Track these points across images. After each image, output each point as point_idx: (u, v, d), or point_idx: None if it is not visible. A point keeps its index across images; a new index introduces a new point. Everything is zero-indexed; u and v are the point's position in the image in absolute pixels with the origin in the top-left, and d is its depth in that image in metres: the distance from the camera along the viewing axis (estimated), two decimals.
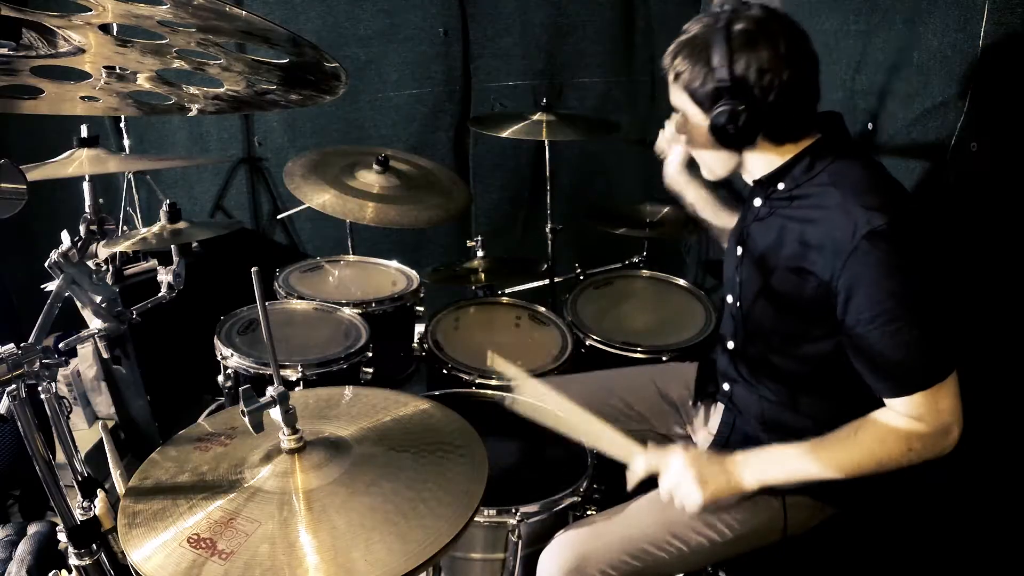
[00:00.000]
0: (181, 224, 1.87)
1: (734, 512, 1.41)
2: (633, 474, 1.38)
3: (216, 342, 2.06)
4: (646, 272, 2.58)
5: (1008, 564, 1.65)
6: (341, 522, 1.00)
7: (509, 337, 2.30)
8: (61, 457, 1.23)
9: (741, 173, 1.43)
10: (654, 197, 2.66)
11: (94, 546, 1.21)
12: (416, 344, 2.38)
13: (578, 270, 2.73)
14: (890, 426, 1.25)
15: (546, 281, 2.72)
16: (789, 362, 1.41)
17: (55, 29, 0.93)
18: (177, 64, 1.07)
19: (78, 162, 2.00)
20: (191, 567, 0.94)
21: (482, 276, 2.49)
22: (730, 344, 1.55)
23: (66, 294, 1.30)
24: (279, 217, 3.14)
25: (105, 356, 2.38)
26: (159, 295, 1.72)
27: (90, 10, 0.86)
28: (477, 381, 1.99)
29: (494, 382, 1.98)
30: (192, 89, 1.19)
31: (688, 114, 1.36)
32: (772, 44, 1.23)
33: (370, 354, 2.10)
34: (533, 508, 1.42)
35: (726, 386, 1.58)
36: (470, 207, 2.94)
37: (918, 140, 1.76)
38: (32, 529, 1.99)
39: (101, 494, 1.26)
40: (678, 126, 1.41)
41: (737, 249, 1.48)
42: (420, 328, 2.37)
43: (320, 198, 2.25)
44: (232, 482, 1.09)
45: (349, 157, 2.48)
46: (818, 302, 1.29)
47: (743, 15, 1.25)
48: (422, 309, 2.45)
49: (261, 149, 3.09)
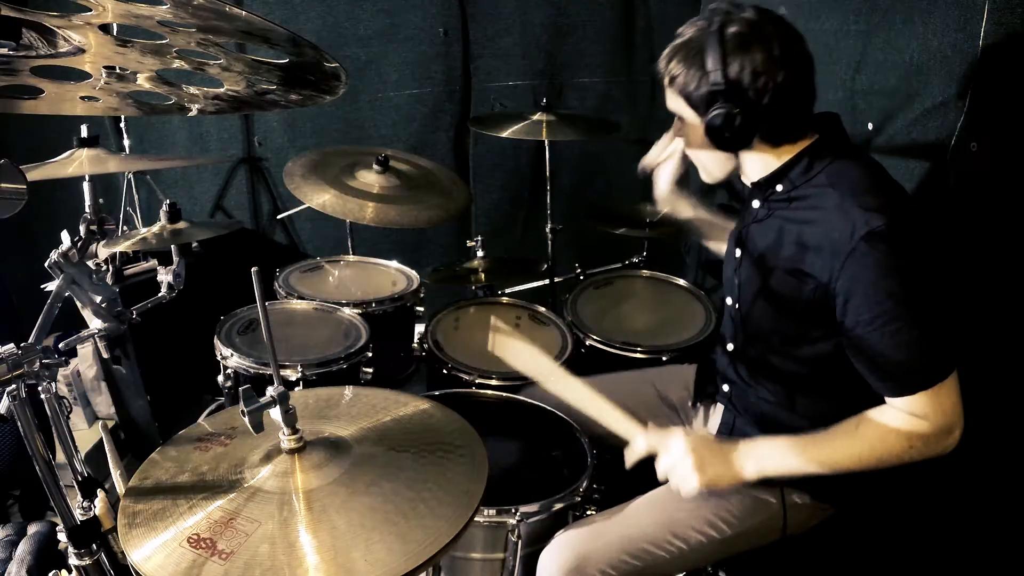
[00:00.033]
0: (181, 224, 1.87)
1: (734, 511, 1.41)
2: (633, 452, 1.38)
3: (216, 342, 2.06)
4: (646, 272, 2.58)
5: (1008, 564, 1.65)
6: (341, 522, 1.00)
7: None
8: (61, 457, 1.23)
9: (739, 175, 1.44)
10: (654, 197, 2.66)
11: (94, 546, 1.21)
12: (416, 344, 2.37)
13: (578, 270, 2.73)
14: (892, 423, 1.25)
15: (546, 281, 2.72)
16: (788, 363, 1.41)
17: (55, 29, 0.93)
18: (177, 64, 1.07)
19: (78, 162, 2.00)
20: (191, 567, 0.94)
21: (482, 276, 2.49)
22: (730, 345, 1.55)
23: (66, 294, 1.30)
24: (279, 217, 3.14)
25: (105, 356, 2.38)
26: (159, 295, 1.72)
27: (90, 10, 0.86)
28: (477, 381, 1.99)
29: (494, 382, 1.98)
30: (192, 89, 1.19)
31: (684, 118, 1.36)
32: (766, 46, 1.23)
33: (370, 354, 2.10)
34: (533, 508, 1.42)
35: (725, 387, 1.58)
36: (470, 207, 2.94)
37: (918, 140, 1.77)
38: (32, 529, 1.99)
39: (101, 494, 1.25)
40: (675, 130, 1.42)
41: (736, 251, 1.48)
42: (420, 328, 2.37)
43: (320, 198, 2.25)
44: (232, 482, 1.09)
45: (349, 157, 2.47)
46: (816, 304, 1.29)
47: (736, 18, 1.25)
48: (422, 309, 2.45)
49: (261, 149, 3.09)
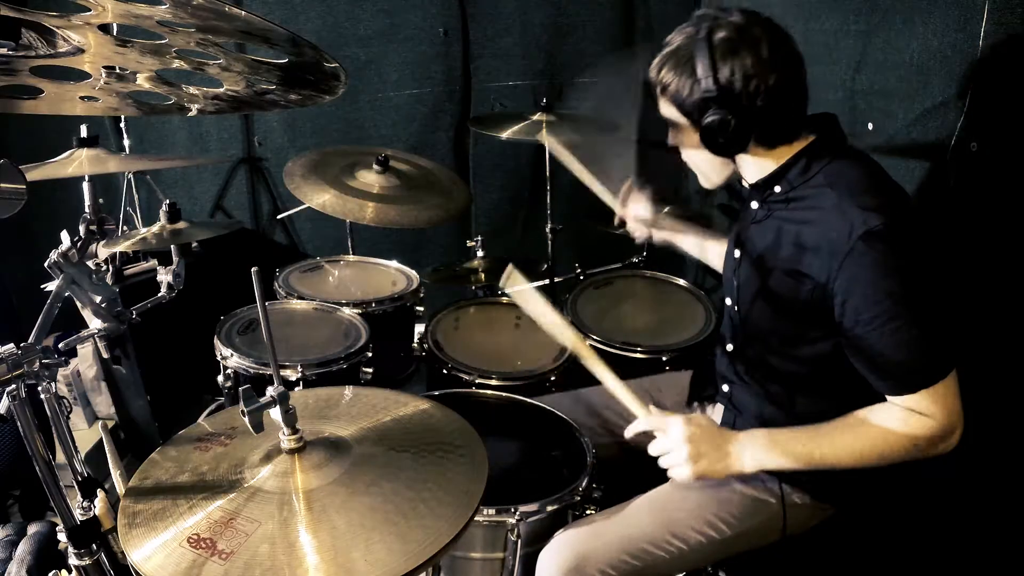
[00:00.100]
0: (181, 224, 1.87)
1: (734, 512, 1.41)
2: (634, 426, 1.40)
3: (216, 342, 2.06)
4: (646, 272, 2.58)
5: (1008, 564, 1.65)
6: (341, 522, 1.00)
7: (509, 337, 2.30)
8: (61, 457, 1.23)
9: (740, 177, 1.44)
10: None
11: (94, 546, 1.21)
12: (416, 344, 2.37)
13: (578, 270, 2.73)
14: (894, 421, 1.25)
15: (546, 281, 2.71)
16: (788, 363, 1.41)
17: (55, 29, 0.93)
18: (177, 64, 1.07)
19: (78, 162, 2.00)
20: (191, 567, 0.94)
21: (482, 276, 2.49)
22: (729, 346, 1.56)
23: (66, 294, 1.30)
24: (279, 217, 3.14)
25: (105, 356, 2.38)
26: (159, 295, 1.72)
27: (90, 10, 0.86)
28: (477, 381, 1.99)
29: (494, 382, 1.98)
30: (192, 89, 1.19)
31: (679, 125, 1.36)
32: (754, 50, 1.23)
33: (370, 354, 2.10)
34: (532, 508, 1.42)
35: (725, 387, 1.58)
36: (470, 207, 2.94)
37: (918, 140, 1.76)
38: (32, 529, 1.99)
39: (101, 494, 1.25)
40: (671, 137, 1.42)
41: (735, 252, 1.48)
42: (420, 328, 2.37)
43: (320, 198, 2.25)
44: (232, 482, 1.09)
45: (349, 157, 2.47)
46: (815, 304, 1.29)
47: (723, 22, 1.25)
48: (422, 309, 2.45)
49: (261, 149, 3.09)
